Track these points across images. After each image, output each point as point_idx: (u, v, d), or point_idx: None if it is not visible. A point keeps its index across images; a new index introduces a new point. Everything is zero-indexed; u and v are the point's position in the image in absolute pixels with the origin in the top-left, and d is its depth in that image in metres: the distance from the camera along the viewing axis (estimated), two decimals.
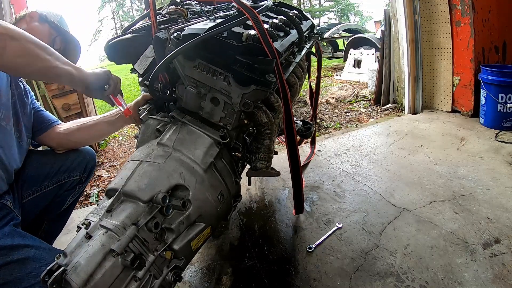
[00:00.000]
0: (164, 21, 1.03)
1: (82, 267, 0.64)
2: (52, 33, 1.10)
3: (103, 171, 2.53)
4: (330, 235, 1.37)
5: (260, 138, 1.02)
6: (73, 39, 1.17)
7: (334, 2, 23.69)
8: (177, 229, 0.79)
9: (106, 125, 1.15)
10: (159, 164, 0.84)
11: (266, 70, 0.85)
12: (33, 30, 1.04)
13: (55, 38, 1.11)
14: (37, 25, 1.08)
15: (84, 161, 1.21)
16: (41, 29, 1.08)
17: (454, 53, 2.65)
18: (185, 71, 0.90)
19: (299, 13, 1.56)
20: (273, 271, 1.22)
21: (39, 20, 1.09)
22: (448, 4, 2.57)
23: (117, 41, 1.02)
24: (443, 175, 1.76)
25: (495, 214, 1.39)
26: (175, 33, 0.85)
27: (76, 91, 2.68)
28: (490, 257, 1.16)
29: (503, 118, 2.28)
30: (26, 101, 1.08)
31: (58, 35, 1.12)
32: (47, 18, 1.10)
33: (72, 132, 1.14)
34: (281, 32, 1.10)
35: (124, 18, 26.12)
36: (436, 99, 2.90)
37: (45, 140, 1.14)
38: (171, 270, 0.78)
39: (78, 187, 1.22)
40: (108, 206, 0.74)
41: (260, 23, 0.87)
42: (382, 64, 3.26)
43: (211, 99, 0.92)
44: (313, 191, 1.75)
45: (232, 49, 0.84)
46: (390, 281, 1.11)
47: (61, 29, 1.13)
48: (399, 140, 2.34)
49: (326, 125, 3.09)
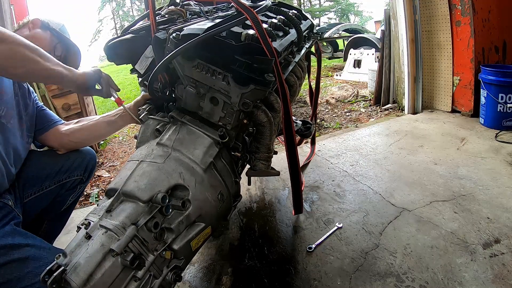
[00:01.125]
0: (163, 22, 1.03)
1: (82, 267, 0.64)
2: (53, 40, 1.13)
3: (103, 171, 2.53)
4: (330, 235, 1.37)
5: (260, 138, 1.03)
6: (73, 46, 1.19)
7: (334, 2, 23.68)
8: (177, 229, 0.79)
9: (107, 125, 1.16)
10: (158, 164, 0.84)
11: (265, 69, 0.85)
12: (35, 36, 1.07)
13: (56, 45, 1.14)
14: (39, 31, 1.10)
15: (85, 161, 1.21)
16: (43, 36, 1.10)
17: (454, 53, 2.65)
18: (185, 71, 0.90)
19: (298, 13, 1.56)
20: (273, 271, 1.22)
21: (41, 27, 1.11)
22: (448, 4, 2.57)
23: (117, 41, 1.02)
24: (443, 175, 1.76)
25: (495, 214, 1.39)
26: (174, 33, 0.85)
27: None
28: (490, 257, 1.16)
29: (503, 118, 2.28)
30: (28, 102, 1.09)
31: (59, 42, 1.15)
32: (49, 26, 1.13)
33: (73, 133, 1.15)
34: (280, 32, 1.10)
35: (124, 18, 26.13)
36: (436, 99, 2.90)
37: (47, 140, 1.15)
38: (171, 270, 0.78)
39: (79, 187, 1.22)
40: (108, 206, 0.74)
41: (259, 22, 0.87)
42: (382, 64, 3.25)
43: (211, 99, 0.92)
44: (313, 191, 1.75)
45: (231, 48, 0.84)
46: (390, 281, 1.11)
47: (62, 37, 1.15)
48: (399, 140, 2.34)
49: (326, 125, 3.09)
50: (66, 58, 1.18)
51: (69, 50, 1.19)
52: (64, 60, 1.15)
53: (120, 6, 26.65)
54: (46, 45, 1.09)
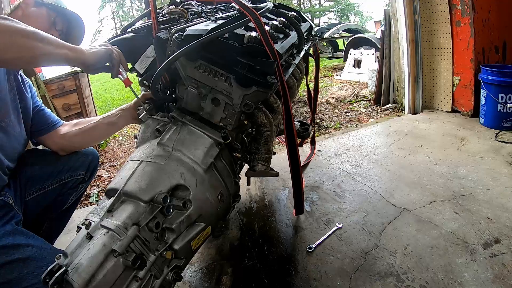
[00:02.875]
0: (164, 21, 1.03)
1: (83, 268, 0.64)
2: (51, 14, 1.05)
3: (103, 171, 2.53)
4: (330, 235, 1.37)
5: (260, 139, 1.03)
6: (75, 16, 1.11)
7: (334, 2, 23.66)
8: (178, 229, 0.80)
9: (107, 126, 1.14)
10: (159, 164, 0.84)
11: (267, 71, 0.85)
12: (30, 16, 1.00)
13: (55, 19, 1.06)
14: (34, 10, 1.02)
15: (87, 160, 1.21)
16: (38, 13, 1.03)
17: (454, 53, 2.65)
18: (187, 72, 0.90)
19: (298, 15, 1.56)
20: (273, 271, 1.22)
21: (35, 5, 1.03)
22: (448, 4, 2.57)
23: (117, 40, 1.02)
24: (443, 175, 1.76)
25: (495, 214, 1.39)
26: (177, 33, 0.85)
27: (76, 91, 2.69)
28: (490, 257, 1.16)
29: (503, 118, 2.29)
30: (25, 94, 1.05)
31: (58, 15, 1.07)
32: (43, 1, 1.04)
33: (73, 137, 1.13)
34: (280, 34, 1.10)
35: (124, 18, 26.08)
36: (436, 99, 2.90)
37: (46, 143, 1.14)
38: (171, 270, 0.78)
39: (80, 186, 1.22)
40: (109, 206, 0.74)
41: (262, 25, 0.87)
42: (382, 64, 3.26)
43: (212, 100, 0.92)
44: (313, 191, 1.75)
45: (233, 50, 0.84)
46: (390, 281, 1.11)
47: (59, 8, 1.07)
48: (399, 140, 2.34)
49: (326, 125, 3.09)
50: (68, 30, 1.11)
51: (70, 21, 1.11)
52: (67, 33, 1.11)
53: (120, 6, 26.62)
54: (44, 22, 1.02)
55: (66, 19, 1.10)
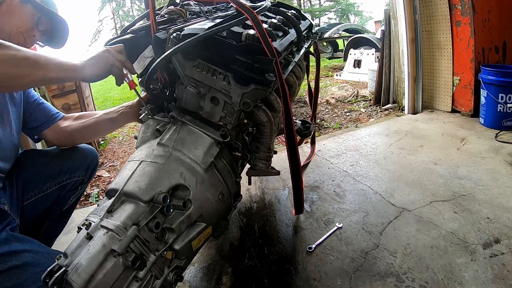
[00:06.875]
0: (163, 22, 1.03)
1: (83, 268, 0.64)
2: (35, 13, 1.02)
3: (103, 171, 2.53)
4: (330, 235, 1.37)
5: (260, 138, 1.03)
6: (60, 20, 1.09)
7: (334, 2, 23.67)
8: (178, 229, 0.79)
9: (108, 122, 1.14)
10: (159, 164, 0.84)
11: (265, 69, 0.85)
12: (14, 11, 0.97)
13: (39, 18, 1.03)
14: (19, 6, 0.99)
15: (86, 161, 1.20)
16: (22, 9, 0.99)
17: (454, 53, 2.65)
18: (185, 71, 0.90)
19: (297, 13, 1.56)
20: (273, 271, 1.22)
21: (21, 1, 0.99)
22: (448, 4, 2.57)
23: (116, 41, 1.02)
24: (443, 175, 1.76)
25: (495, 214, 1.39)
26: (175, 33, 0.85)
27: (76, 91, 2.69)
28: (490, 257, 1.16)
29: (503, 118, 2.28)
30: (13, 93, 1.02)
31: (43, 16, 1.04)
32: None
33: (75, 132, 1.12)
34: (279, 32, 1.10)
35: (124, 18, 26.09)
36: (436, 99, 2.90)
37: (46, 137, 1.13)
38: (172, 270, 0.78)
39: (80, 187, 1.21)
40: (109, 206, 0.74)
41: (259, 23, 0.87)
42: (382, 64, 3.26)
43: (211, 99, 0.92)
44: (313, 191, 1.75)
45: (231, 48, 0.84)
46: (390, 281, 1.11)
47: (44, 8, 1.04)
48: (399, 140, 2.34)
49: (326, 125, 3.09)
50: (52, 33, 1.09)
51: (54, 24, 1.09)
52: (51, 34, 1.09)
53: (120, 6, 26.62)
54: (28, 20, 1.00)
55: (51, 21, 1.08)
